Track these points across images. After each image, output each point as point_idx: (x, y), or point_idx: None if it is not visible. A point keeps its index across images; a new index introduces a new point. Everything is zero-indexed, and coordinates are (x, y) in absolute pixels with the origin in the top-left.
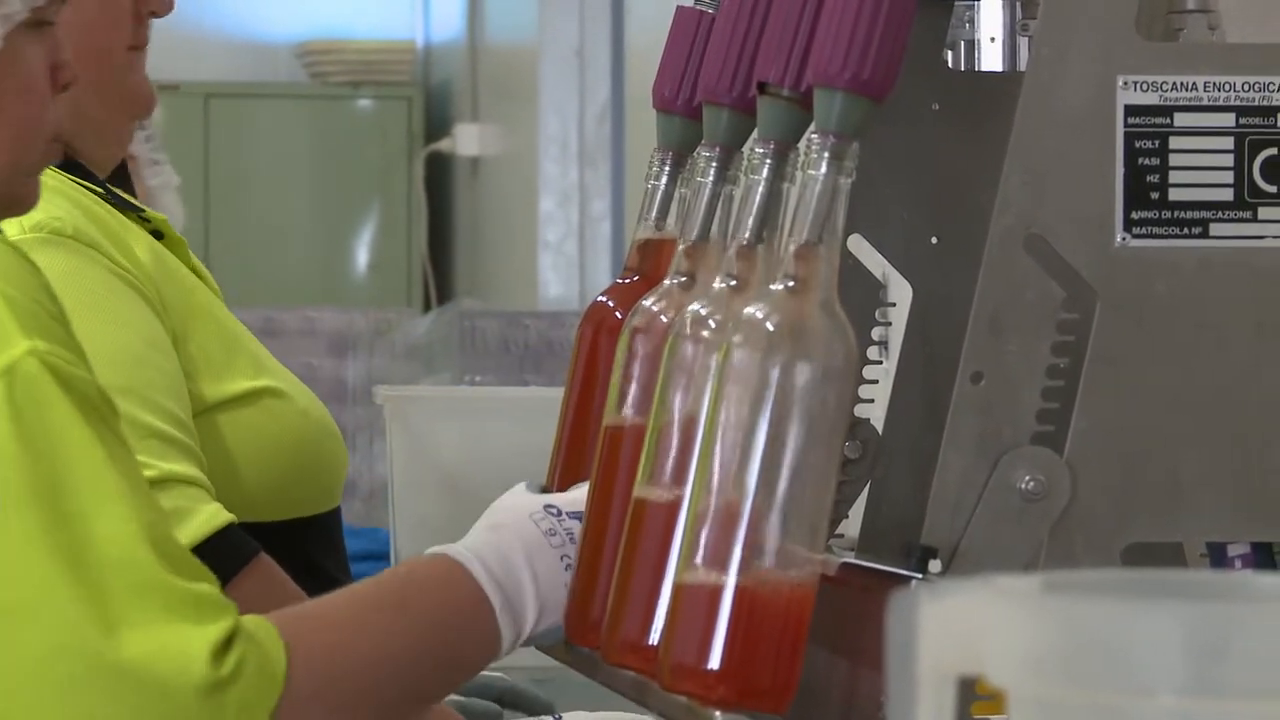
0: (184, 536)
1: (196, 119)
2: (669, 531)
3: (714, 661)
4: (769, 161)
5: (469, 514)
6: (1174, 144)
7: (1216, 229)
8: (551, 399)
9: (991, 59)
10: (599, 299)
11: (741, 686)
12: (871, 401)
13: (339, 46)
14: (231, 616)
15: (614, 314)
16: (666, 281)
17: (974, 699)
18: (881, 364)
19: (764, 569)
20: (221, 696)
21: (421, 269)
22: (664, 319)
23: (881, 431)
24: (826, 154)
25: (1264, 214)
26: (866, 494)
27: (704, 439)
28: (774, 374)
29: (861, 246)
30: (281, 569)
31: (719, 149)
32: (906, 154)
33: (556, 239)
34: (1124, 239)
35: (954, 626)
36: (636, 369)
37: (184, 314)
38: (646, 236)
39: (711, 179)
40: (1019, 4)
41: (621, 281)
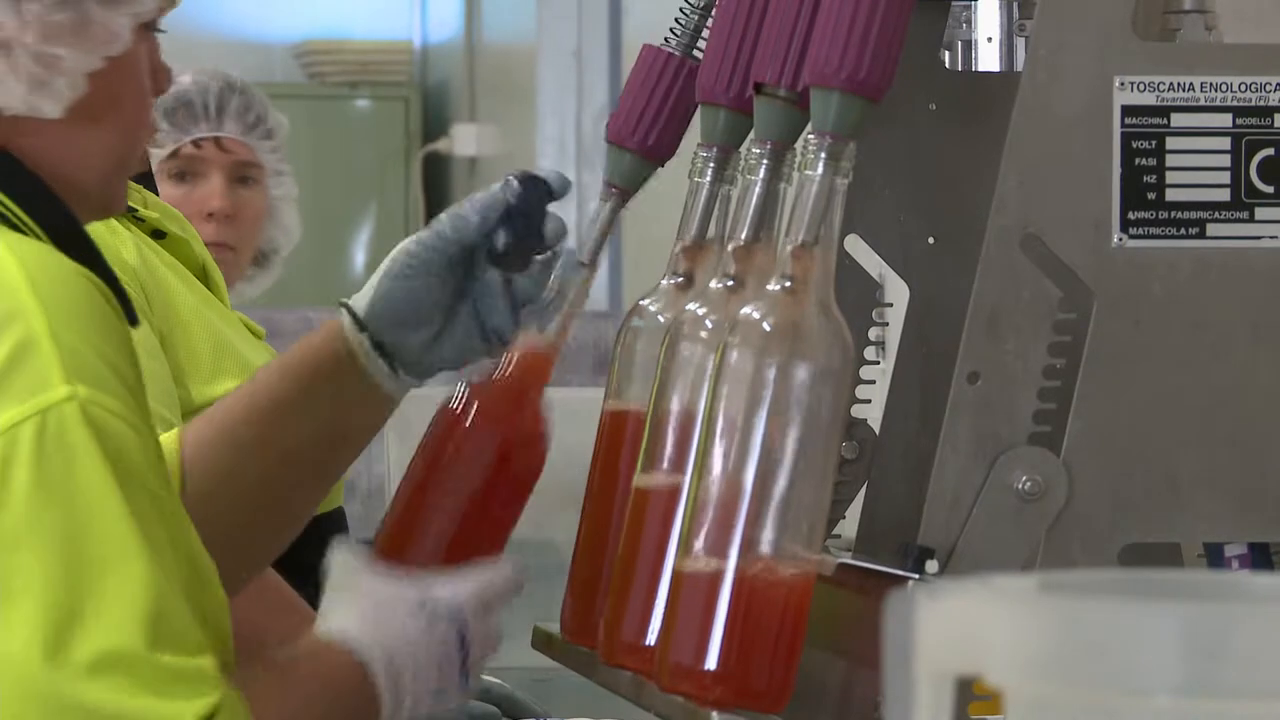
0: None
1: None
2: (666, 532)
3: (711, 662)
4: (766, 162)
5: None
6: (1171, 144)
7: (1213, 229)
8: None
9: (988, 59)
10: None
11: (738, 687)
12: (869, 402)
13: (336, 47)
14: (217, 693)
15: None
16: (664, 281)
17: (971, 699)
18: (878, 364)
19: (761, 570)
20: None
21: None
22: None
23: (878, 432)
24: (823, 154)
25: (1261, 214)
26: (863, 494)
27: (701, 439)
28: (771, 374)
29: (858, 247)
30: (276, 573)
31: (716, 149)
32: (903, 154)
33: None
34: (1121, 239)
35: (951, 627)
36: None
37: (171, 316)
38: None
39: (709, 179)
40: (1016, 4)
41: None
